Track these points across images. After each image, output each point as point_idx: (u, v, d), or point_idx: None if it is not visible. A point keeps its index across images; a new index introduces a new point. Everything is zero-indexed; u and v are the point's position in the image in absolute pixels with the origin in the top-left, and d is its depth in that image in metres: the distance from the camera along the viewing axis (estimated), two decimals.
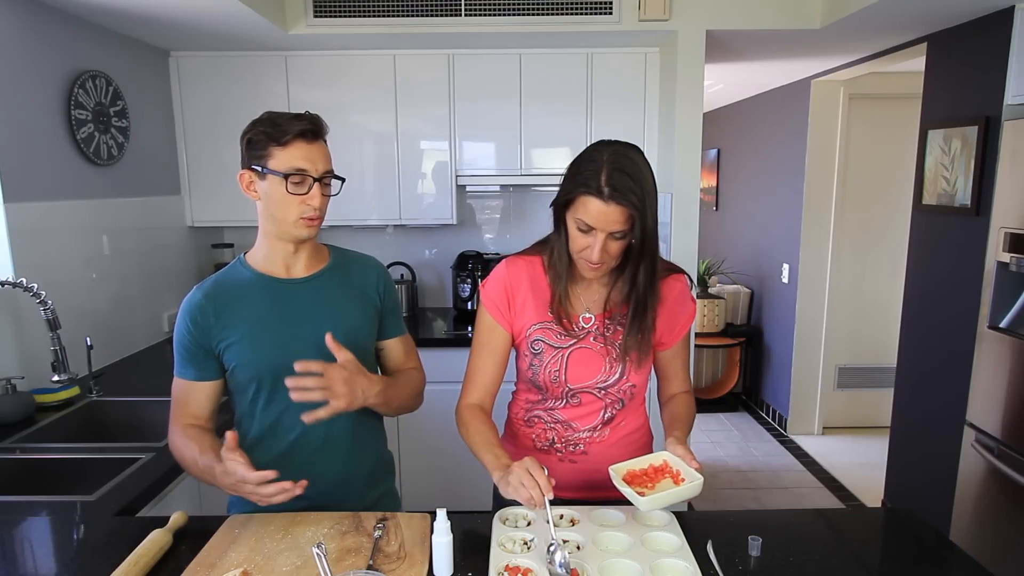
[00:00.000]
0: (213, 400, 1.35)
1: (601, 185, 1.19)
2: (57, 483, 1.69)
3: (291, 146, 1.24)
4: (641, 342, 1.34)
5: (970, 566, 1.18)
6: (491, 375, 1.41)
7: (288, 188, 1.24)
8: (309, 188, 1.26)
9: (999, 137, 2.34)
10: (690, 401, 1.44)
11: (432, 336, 3.02)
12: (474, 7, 2.62)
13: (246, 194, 1.29)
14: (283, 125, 1.24)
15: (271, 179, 1.24)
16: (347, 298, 1.38)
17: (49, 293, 1.87)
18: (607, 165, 1.20)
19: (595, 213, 1.21)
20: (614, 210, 1.20)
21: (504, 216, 3.55)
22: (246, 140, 1.26)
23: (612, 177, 1.19)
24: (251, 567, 1.11)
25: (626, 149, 1.25)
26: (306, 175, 1.25)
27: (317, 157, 1.27)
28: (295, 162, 1.24)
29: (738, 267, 4.95)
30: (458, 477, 2.80)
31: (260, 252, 1.35)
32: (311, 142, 1.26)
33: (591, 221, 1.22)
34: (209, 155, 3.05)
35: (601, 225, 1.22)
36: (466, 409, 1.39)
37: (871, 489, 3.46)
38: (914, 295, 2.98)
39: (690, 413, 1.41)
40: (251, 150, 1.26)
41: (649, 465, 1.27)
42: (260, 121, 1.26)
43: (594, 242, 1.24)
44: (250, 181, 1.28)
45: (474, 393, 1.41)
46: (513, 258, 1.43)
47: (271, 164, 1.24)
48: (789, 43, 2.99)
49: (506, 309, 1.39)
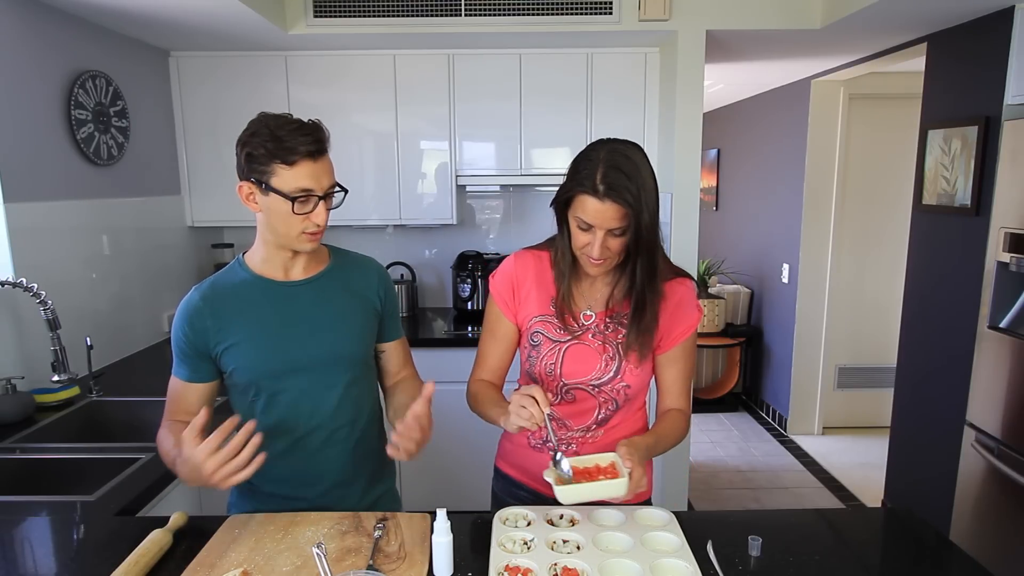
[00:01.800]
0: (206, 401, 1.35)
1: (596, 183, 1.21)
2: (57, 483, 1.69)
3: (298, 166, 1.19)
4: (641, 340, 1.34)
5: (970, 566, 1.18)
6: (498, 360, 1.46)
7: (294, 209, 1.21)
8: (314, 207, 1.24)
9: (999, 137, 2.34)
10: (679, 420, 1.40)
11: (432, 336, 3.02)
12: (474, 7, 2.62)
13: (245, 204, 1.26)
14: (287, 141, 1.18)
15: (275, 196, 1.21)
16: (347, 301, 1.37)
17: (49, 293, 1.87)
18: (603, 164, 1.22)
19: (592, 211, 1.22)
20: (610, 208, 1.21)
21: (504, 216, 3.55)
22: (246, 153, 1.21)
23: (608, 175, 1.20)
24: (251, 567, 1.11)
25: (624, 147, 1.26)
26: (312, 195, 1.22)
27: (322, 174, 1.23)
28: (301, 182, 1.20)
29: (738, 267, 4.95)
30: (458, 477, 2.81)
31: (259, 254, 1.33)
32: (317, 160, 1.22)
33: (589, 219, 1.24)
34: (209, 155, 3.05)
35: (598, 223, 1.23)
36: (475, 383, 1.45)
37: (871, 489, 3.46)
38: (914, 295, 2.98)
39: (672, 430, 1.37)
40: (252, 163, 1.21)
41: (595, 464, 1.26)
42: (259, 133, 1.20)
43: (594, 239, 1.25)
44: (250, 193, 1.23)
45: (484, 372, 1.46)
46: (522, 252, 1.46)
47: (275, 183, 1.20)
48: (789, 43, 2.99)
49: (511, 300, 1.43)
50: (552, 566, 1.11)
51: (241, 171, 1.24)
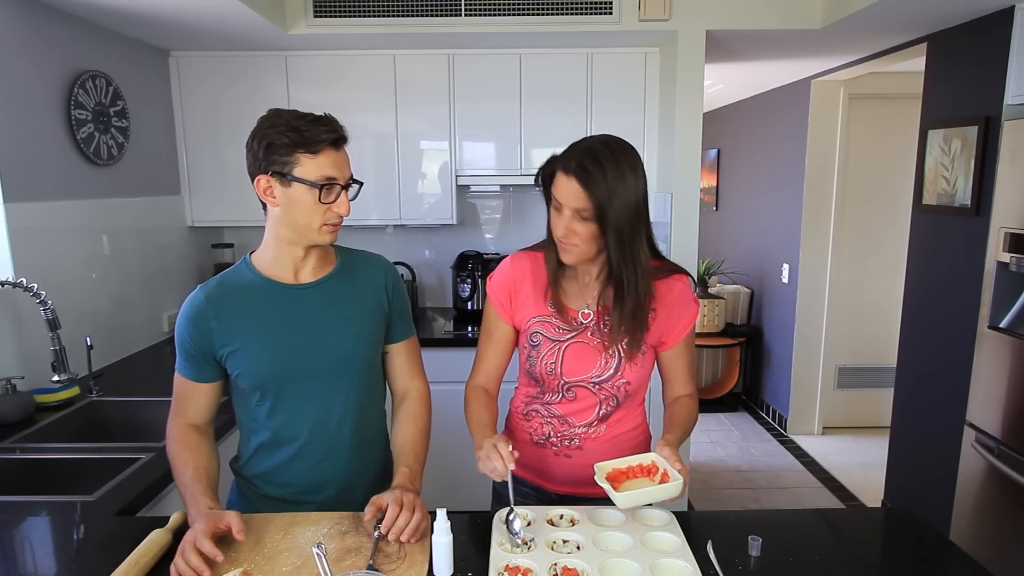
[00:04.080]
0: (212, 400, 1.34)
1: (569, 162, 1.24)
2: (57, 483, 1.69)
3: (322, 154, 1.20)
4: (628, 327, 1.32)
5: (970, 566, 1.18)
6: (494, 362, 1.47)
7: (321, 197, 1.21)
8: (337, 196, 1.24)
9: (999, 137, 2.34)
10: (691, 405, 1.43)
11: (432, 336, 3.02)
12: (474, 7, 2.62)
13: (262, 199, 1.24)
14: (309, 131, 1.19)
15: (298, 187, 1.20)
16: (354, 303, 1.35)
17: (49, 293, 1.87)
18: (583, 148, 1.25)
19: (561, 188, 1.26)
20: (574, 185, 1.23)
21: (504, 216, 3.55)
22: (265, 144, 1.19)
23: (583, 158, 1.23)
24: (251, 567, 1.11)
25: (613, 141, 1.27)
26: (335, 183, 1.23)
27: (343, 164, 1.25)
28: (326, 171, 1.20)
29: (738, 267, 4.95)
30: (458, 477, 2.80)
31: (268, 254, 1.31)
32: (339, 148, 1.23)
33: (559, 196, 1.27)
34: (209, 155, 3.05)
35: (565, 200, 1.26)
36: (471, 389, 1.46)
37: (871, 489, 3.46)
38: (914, 295, 2.98)
39: (688, 417, 1.40)
40: (271, 155, 1.19)
41: (638, 464, 1.27)
42: (276, 125, 1.19)
43: (560, 219, 1.27)
44: (268, 186, 1.22)
45: (480, 376, 1.48)
46: (519, 253, 1.46)
47: (298, 172, 1.19)
48: (789, 43, 2.99)
49: (508, 304, 1.43)
50: (552, 566, 1.11)
51: (258, 164, 1.21)
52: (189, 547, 1.07)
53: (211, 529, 1.10)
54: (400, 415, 1.43)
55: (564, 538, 1.20)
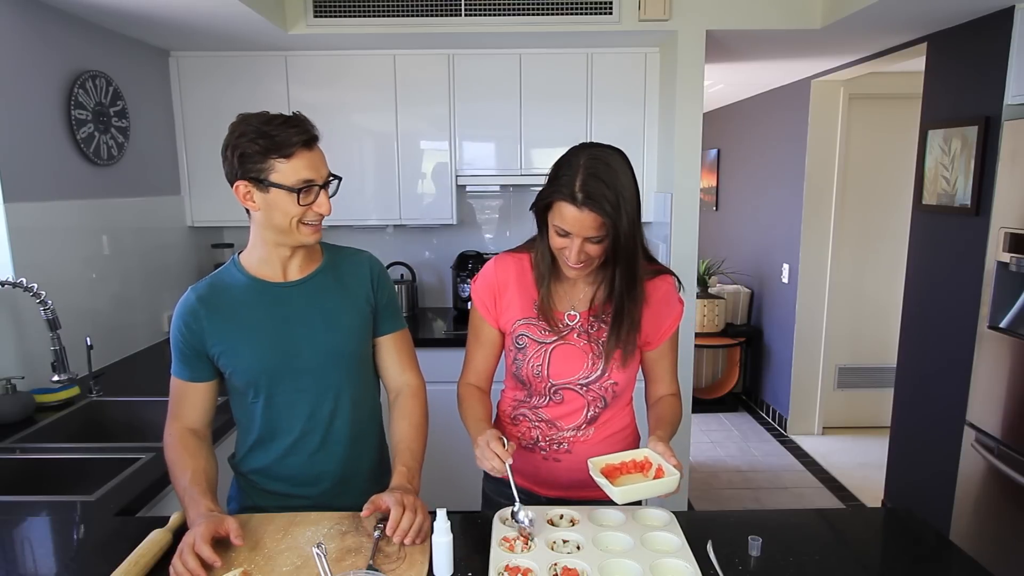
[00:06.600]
0: (209, 402, 1.35)
1: (575, 191, 1.21)
2: (57, 483, 1.69)
3: (295, 157, 1.20)
4: (624, 342, 1.34)
5: (970, 566, 1.18)
6: (483, 363, 1.48)
7: (299, 200, 1.22)
8: (316, 197, 1.25)
9: (999, 137, 2.34)
10: (676, 404, 1.43)
11: (432, 336, 3.02)
12: (474, 7, 2.62)
13: (243, 204, 1.26)
14: (278, 135, 1.19)
15: (276, 192, 1.21)
16: (340, 298, 1.37)
17: (49, 293, 1.87)
18: (583, 170, 1.21)
19: (570, 219, 1.23)
20: (588, 216, 1.21)
21: (504, 216, 3.55)
22: (238, 154, 1.21)
23: (587, 183, 1.20)
24: (251, 567, 1.11)
25: (604, 152, 1.25)
26: (313, 184, 1.23)
27: (319, 163, 1.25)
28: (302, 173, 1.21)
29: (738, 267, 4.95)
30: (457, 477, 2.80)
31: (255, 255, 1.33)
32: (311, 148, 1.24)
33: (567, 227, 1.24)
34: (209, 155, 3.04)
35: (576, 230, 1.23)
36: (463, 387, 1.47)
37: (871, 489, 3.46)
38: (914, 295, 2.98)
39: (675, 415, 1.40)
40: (246, 163, 1.21)
41: (632, 459, 1.27)
42: (246, 133, 1.20)
43: (571, 245, 1.26)
44: (247, 192, 1.23)
45: (471, 375, 1.48)
46: (502, 256, 1.46)
47: (275, 178, 1.20)
48: (789, 43, 2.99)
49: (492, 306, 1.43)
50: (552, 566, 1.11)
51: (234, 173, 1.23)
52: (188, 549, 1.08)
53: (211, 533, 1.10)
54: (395, 412, 1.44)
55: (564, 538, 1.20)
